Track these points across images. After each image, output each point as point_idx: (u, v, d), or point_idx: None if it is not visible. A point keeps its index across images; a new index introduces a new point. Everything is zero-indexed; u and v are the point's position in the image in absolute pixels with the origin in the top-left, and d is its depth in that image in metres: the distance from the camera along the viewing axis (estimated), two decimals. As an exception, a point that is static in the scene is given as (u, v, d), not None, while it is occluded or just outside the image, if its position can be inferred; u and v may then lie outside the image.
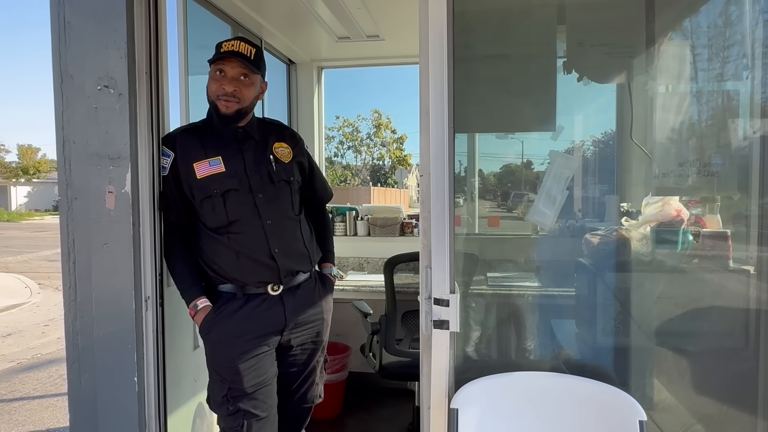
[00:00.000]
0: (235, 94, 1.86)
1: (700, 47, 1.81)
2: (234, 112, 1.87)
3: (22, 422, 3.72)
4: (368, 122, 36.93)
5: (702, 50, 1.81)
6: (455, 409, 1.49)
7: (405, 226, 3.82)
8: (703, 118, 1.84)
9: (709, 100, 1.82)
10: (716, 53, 1.78)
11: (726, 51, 1.75)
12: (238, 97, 1.86)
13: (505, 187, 2.25)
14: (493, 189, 2.29)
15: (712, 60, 1.79)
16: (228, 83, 1.86)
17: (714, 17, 1.79)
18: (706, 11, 1.81)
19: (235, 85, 1.86)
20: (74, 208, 1.84)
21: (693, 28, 1.85)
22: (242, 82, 1.88)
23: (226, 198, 1.87)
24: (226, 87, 1.85)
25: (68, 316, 1.87)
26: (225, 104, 1.86)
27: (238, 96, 1.86)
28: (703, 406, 1.78)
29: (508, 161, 2.17)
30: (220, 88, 1.86)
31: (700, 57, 1.82)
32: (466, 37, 1.65)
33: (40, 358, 5.25)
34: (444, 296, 1.53)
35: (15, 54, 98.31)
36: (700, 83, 1.83)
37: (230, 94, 1.85)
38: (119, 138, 1.80)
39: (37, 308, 7.52)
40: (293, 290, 1.97)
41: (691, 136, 1.85)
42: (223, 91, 1.85)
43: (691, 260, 1.83)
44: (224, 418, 1.91)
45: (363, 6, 2.87)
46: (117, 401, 1.86)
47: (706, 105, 1.83)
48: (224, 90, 1.85)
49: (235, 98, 1.86)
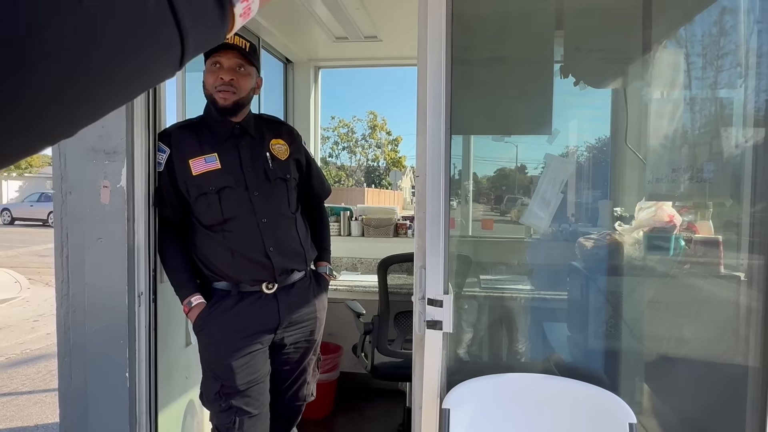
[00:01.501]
0: (233, 83, 1.86)
1: (695, 55, 1.83)
2: (232, 103, 1.87)
3: (10, 417, 3.69)
4: (363, 123, 36.95)
5: (697, 58, 1.83)
6: (447, 409, 1.50)
7: (399, 227, 3.82)
8: (696, 126, 1.86)
9: (703, 108, 1.84)
10: (711, 61, 1.80)
11: (721, 59, 1.77)
12: (236, 87, 1.86)
13: (499, 190, 2.26)
14: (487, 192, 2.30)
15: (707, 68, 1.81)
16: (225, 73, 1.86)
17: (710, 26, 1.81)
18: (701, 20, 1.83)
19: (232, 75, 1.86)
20: (69, 202, 1.83)
21: (689, 36, 1.87)
22: (239, 72, 1.88)
23: (221, 195, 1.87)
24: (223, 76, 1.85)
25: (60, 310, 1.86)
26: (222, 96, 1.86)
27: (236, 86, 1.86)
28: (691, 411, 1.80)
29: (503, 165, 2.18)
30: (217, 79, 1.86)
31: (695, 65, 1.84)
32: (464, 40, 1.66)
33: (29, 354, 5.20)
34: (438, 297, 1.53)
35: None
36: (694, 90, 1.85)
37: (227, 83, 1.85)
38: (115, 132, 1.80)
39: (26, 303, 7.45)
40: (288, 289, 1.97)
41: (684, 142, 1.87)
42: (220, 81, 1.85)
43: (682, 266, 1.85)
44: (217, 415, 1.91)
45: (361, 6, 2.87)
46: (108, 397, 1.85)
47: (699, 112, 1.85)
48: (221, 80, 1.85)
49: (232, 87, 1.86)
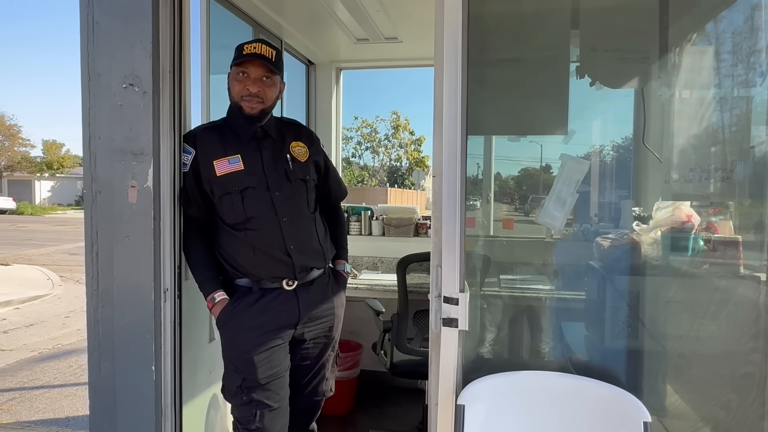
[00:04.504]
0: (259, 95, 1.92)
1: (714, 54, 1.82)
2: (258, 112, 1.94)
3: (42, 410, 3.83)
4: (386, 123, 36.92)
5: (716, 57, 1.81)
6: (462, 405, 1.52)
7: (419, 226, 3.83)
8: (717, 125, 1.84)
9: (724, 107, 1.82)
10: (731, 60, 1.78)
11: (741, 57, 1.75)
12: (262, 98, 1.93)
13: (522, 191, 2.26)
14: (511, 192, 2.30)
15: (727, 66, 1.79)
16: (252, 84, 1.91)
17: (729, 24, 1.79)
18: (721, 18, 1.81)
19: (258, 86, 1.92)
20: (98, 201, 1.91)
21: (707, 35, 1.86)
22: (264, 83, 1.94)
23: (244, 195, 1.92)
24: (250, 88, 1.91)
25: (90, 305, 1.94)
26: (249, 105, 1.92)
27: (262, 96, 1.93)
28: (711, 410, 1.79)
29: (526, 165, 2.18)
30: (244, 89, 1.92)
31: (713, 63, 1.83)
32: (480, 40, 1.68)
33: (61, 349, 5.37)
34: (454, 295, 1.55)
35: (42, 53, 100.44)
36: (713, 89, 1.83)
37: (254, 95, 1.91)
38: (143, 134, 1.86)
39: (58, 300, 7.68)
40: (307, 286, 2.02)
41: (704, 142, 1.85)
42: (247, 92, 1.91)
43: (701, 265, 1.83)
44: (238, 408, 1.96)
45: (381, 8, 2.91)
46: (135, 389, 1.92)
47: (720, 111, 1.83)
48: (248, 91, 1.91)
49: (258, 98, 1.92)
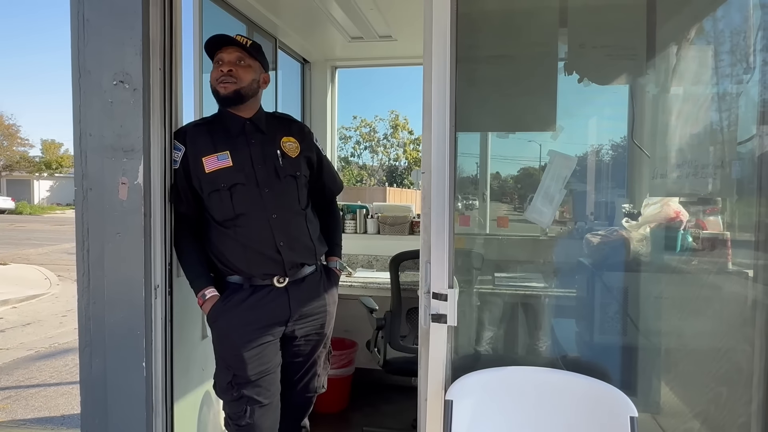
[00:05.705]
0: (232, 74, 1.93)
1: (701, 51, 1.82)
2: (232, 92, 1.94)
3: (38, 408, 3.83)
4: (385, 123, 36.88)
5: (704, 54, 1.82)
6: (450, 400, 1.52)
7: (415, 225, 3.82)
8: (704, 121, 1.85)
9: (712, 103, 1.83)
10: (718, 57, 1.78)
11: (728, 54, 1.76)
12: (235, 77, 1.93)
13: (518, 189, 2.27)
14: (511, 192, 2.31)
15: (715, 63, 1.80)
16: (225, 65, 1.94)
17: (717, 21, 1.80)
18: (709, 15, 1.82)
19: (231, 66, 1.93)
20: (89, 198, 1.91)
21: (695, 32, 1.86)
22: (239, 65, 1.95)
23: (233, 192, 1.93)
24: (222, 68, 1.93)
25: (81, 302, 1.94)
26: (223, 86, 1.93)
27: (235, 76, 1.93)
28: (700, 404, 1.79)
29: (522, 164, 2.18)
30: (217, 72, 1.94)
31: (701, 60, 1.83)
32: (469, 38, 1.68)
33: (57, 347, 5.38)
34: (442, 291, 1.56)
35: (43, 51, 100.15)
36: (701, 86, 1.84)
37: (226, 74, 1.92)
38: (133, 132, 1.87)
39: (55, 299, 7.69)
40: (298, 282, 2.02)
41: (692, 138, 1.86)
42: (220, 74, 1.93)
43: (689, 262, 1.84)
44: (228, 404, 1.97)
45: (375, 7, 2.91)
46: (126, 385, 1.93)
47: (708, 108, 1.84)
48: (221, 72, 1.93)
49: (231, 78, 1.93)
